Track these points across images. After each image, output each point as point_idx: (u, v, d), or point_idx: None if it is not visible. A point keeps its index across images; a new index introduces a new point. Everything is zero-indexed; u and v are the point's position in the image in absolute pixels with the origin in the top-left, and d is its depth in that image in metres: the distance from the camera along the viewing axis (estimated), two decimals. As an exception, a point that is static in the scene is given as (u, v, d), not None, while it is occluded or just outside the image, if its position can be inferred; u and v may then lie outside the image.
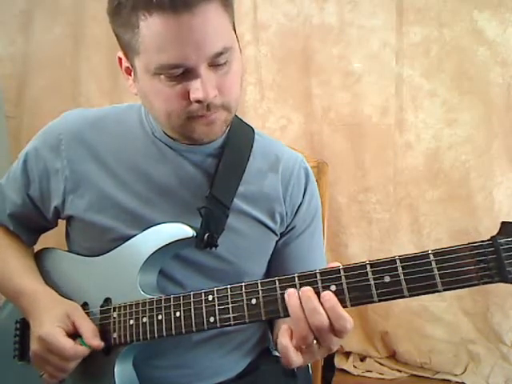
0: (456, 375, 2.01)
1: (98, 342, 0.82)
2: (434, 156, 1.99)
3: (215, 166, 0.89)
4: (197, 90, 0.75)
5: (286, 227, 0.95)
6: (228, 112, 0.81)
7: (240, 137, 0.93)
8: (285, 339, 0.68)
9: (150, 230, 0.85)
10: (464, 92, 1.93)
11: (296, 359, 0.67)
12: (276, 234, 0.94)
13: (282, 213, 0.93)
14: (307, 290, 0.67)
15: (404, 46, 1.95)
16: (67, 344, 0.80)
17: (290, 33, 2.03)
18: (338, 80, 2.01)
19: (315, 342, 0.66)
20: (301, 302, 0.67)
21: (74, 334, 0.82)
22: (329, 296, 0.65)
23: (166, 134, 0.89)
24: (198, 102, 0.76)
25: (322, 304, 0.65)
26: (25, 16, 2.15)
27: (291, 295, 0.68)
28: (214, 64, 0.76)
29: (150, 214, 0.87)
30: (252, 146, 0.94)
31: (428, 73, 1.95)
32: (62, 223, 0.98)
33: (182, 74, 0.75)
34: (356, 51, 1.99)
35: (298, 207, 0.95)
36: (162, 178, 0.88)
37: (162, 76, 0.75)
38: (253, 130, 0.97)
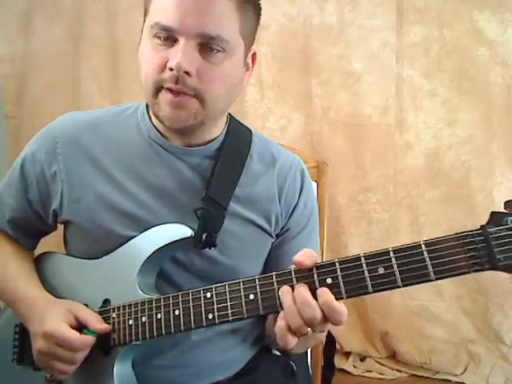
0: (456, 375, 2.01)
1: (104, 326, 0.82)
2: (434, 156, 1.99)
3: (212, 168, 0.89)
4: (173, 56, 0.77)
5: (281, 229, 0.95)
6: (201, 104, 0.81)
7: (238, 139, 0.93)
8: (282, 322, 0.68)
9: (148, 231, 0.85)
10: (464, 92, 1.93)
11: (291, 340, 0.68)
12: (272, 236, 0.94)
13: (277, 214, 0.93)
14: (300, 287, 0.68)
15: (404, 46, 1.95)
16: (74, 335, 0.80)
17: (290, 33, 2.03)
18: (338, 80, 2.02)
19: (309, 329, 0.67)
20: (294, 299, 0.67)
21: (78, 328, 0.82)
22: (322, 291, 0.66)
23: (161, 135, 0.89)
24: (171, 69, 0.77)
25: (316, 299, 0.66)
26: (25, 16, 2.15)
27: (285, 293, 0.68)
28: (204, 48, 0.78)
29: (147, 216, 0.86)
30: (250, 148, 0.94)
31: (428, 73, 1.95)
32: (60, 226, 0.97)
33: (171, 43, 0.78)
34: (356, 51, 1.99)
35: (293, 209, 0.95)
36: (159, 181, 0.88)
37: (156, 39, 0.79)
38: (251, 132, 0.97)
